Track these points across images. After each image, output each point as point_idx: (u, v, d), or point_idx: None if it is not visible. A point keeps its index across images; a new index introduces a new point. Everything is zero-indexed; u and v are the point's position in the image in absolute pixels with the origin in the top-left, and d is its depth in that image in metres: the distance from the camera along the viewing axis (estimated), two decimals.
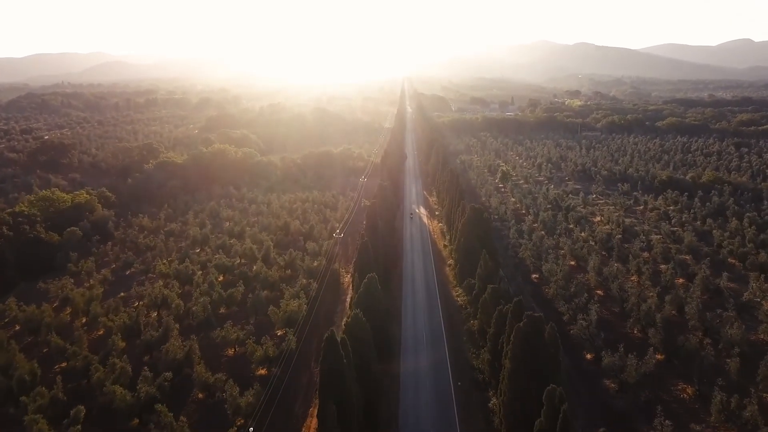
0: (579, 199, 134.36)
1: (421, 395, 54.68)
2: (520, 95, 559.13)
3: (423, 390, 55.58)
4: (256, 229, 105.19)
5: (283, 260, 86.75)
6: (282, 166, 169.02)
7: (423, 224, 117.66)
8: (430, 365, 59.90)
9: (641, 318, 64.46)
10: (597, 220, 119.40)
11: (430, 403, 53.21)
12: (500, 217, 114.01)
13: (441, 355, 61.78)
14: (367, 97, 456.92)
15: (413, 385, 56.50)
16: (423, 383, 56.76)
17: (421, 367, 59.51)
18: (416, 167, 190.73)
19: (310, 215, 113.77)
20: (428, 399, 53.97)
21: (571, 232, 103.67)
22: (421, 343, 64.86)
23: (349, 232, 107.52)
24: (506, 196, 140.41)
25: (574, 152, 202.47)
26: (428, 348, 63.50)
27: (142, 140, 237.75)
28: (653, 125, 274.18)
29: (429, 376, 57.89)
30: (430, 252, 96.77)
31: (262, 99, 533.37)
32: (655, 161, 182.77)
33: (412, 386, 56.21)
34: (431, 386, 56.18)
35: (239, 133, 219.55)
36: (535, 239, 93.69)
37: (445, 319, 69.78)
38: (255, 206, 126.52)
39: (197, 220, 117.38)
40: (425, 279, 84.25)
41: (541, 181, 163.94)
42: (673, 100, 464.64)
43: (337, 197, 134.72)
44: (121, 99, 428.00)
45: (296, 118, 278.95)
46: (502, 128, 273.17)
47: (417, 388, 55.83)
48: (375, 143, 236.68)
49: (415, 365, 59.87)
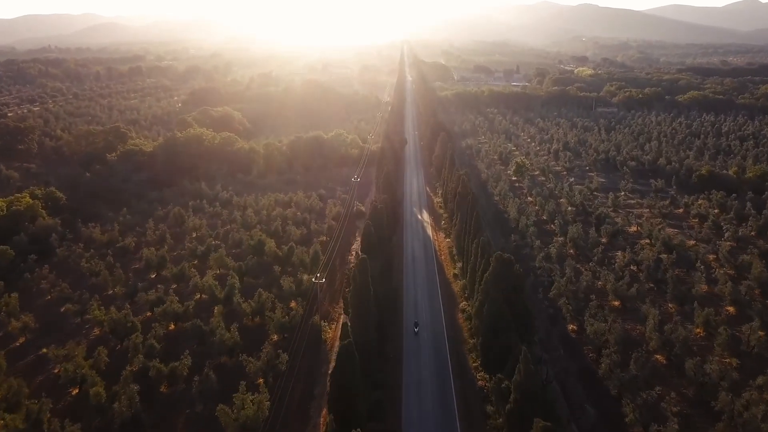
0: (608, 201, 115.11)
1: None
2: (526, 62, 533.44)
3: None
4: (223, 249, 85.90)
5: (250, 307, 67.84)
6: (265, 155, 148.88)
7: (426, 237, 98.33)
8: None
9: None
10: (633, 230, 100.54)
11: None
12: (521, 231, 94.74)
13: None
14: (365, 65, 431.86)
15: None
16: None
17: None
18: (417, 153, 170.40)
19: (291, 228, 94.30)
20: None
21: (609, 258, 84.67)
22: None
23: (339, 252, 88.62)
24: (523, 197, 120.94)
25: (593, 135, 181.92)
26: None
27: (116, 118, 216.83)
28: (673, 99, 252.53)
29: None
30: (437, 295, 76.43)
31: (256, 65, 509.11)
32: (686, 147, 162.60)
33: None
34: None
35: (221, 111, 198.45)
36: (568, 273, 74.49)
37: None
38: (228, 211, 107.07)
39: (158, 232, 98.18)
40: (435, 359, 61.81)
41: (560, 171, 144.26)
42: (688, 68, 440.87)
43: (325, 199, 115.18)
44: (104, 68, 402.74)
45: (287, 92, 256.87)
46: (509, 103, 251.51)
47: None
48: (372, 121, 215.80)
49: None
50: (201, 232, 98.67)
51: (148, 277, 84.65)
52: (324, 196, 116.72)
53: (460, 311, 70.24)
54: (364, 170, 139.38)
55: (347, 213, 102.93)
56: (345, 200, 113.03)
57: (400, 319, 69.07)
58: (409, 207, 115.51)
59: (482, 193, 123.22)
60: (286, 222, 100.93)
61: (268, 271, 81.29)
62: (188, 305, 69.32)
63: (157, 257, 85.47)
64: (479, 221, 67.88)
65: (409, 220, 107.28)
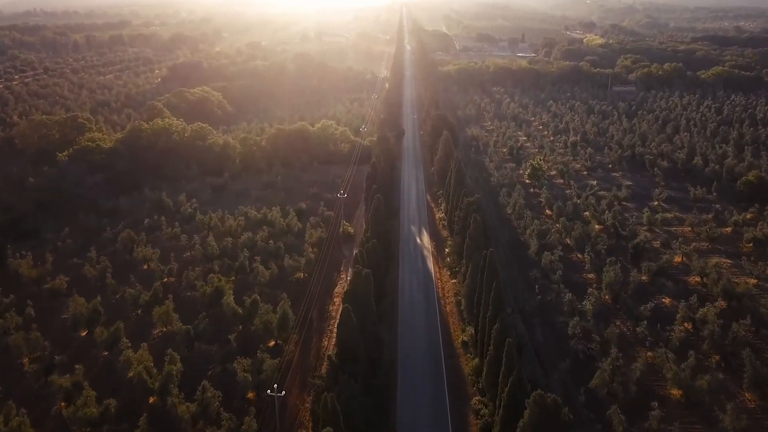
0: (642, 216, 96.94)
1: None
2: (530, 28, 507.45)
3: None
4: (171, 302, 67.82)
5: (188, 411, 50.25)
6: (242, 152, 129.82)
7: (428, 275, 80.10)
8: None
9: None
10: (677, 260, 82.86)
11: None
12: (543, 268, 76.79)
13: None
14: (361, 33, 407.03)
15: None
16: None
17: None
18: (417, 145, 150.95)
19: (259, 268, 76.08)
20: None
21: (656, 310, 66.97)
22: None
23: (319, 296, 71.06)
24: (541, 209, 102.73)
25: (613, 123, 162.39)
26: None
27: (85, 99, 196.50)
28: (696, 76, 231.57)
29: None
30: (443, 383, 57.94)
31: (249, 32, 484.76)
32: (720, 140, 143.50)
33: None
34: None
35: (199, 93, 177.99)
36: (613, 355, 56.50)
37: None
38: (188, 237, 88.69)
39: (98, 266, 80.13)
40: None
41: (580, 170, 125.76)
42: (703, 36, 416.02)
43: (306, 215, 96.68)
44: (83, 36, 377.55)
45: (275, 68, 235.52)
46: (517, 81, 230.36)
47: None
48: (366, 102, 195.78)
49: None
50: (152, 266, 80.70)
51: (78, 335, 67.20)
52: (305, 211, 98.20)
53: (472, 412, 52.55)
54: (355, 168, 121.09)
55: (331, 240, 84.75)
56: (329, 218, 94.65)
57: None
58: (407, 225, 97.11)
59: (492, 204, 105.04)
60: (257, 251, 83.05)
61: (224, 335, 63.64)
62: (108, 405, 51.51)
63: (88, 310, 67.69)
64: (499, 300, 49.75)
65: (407, 247, 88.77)
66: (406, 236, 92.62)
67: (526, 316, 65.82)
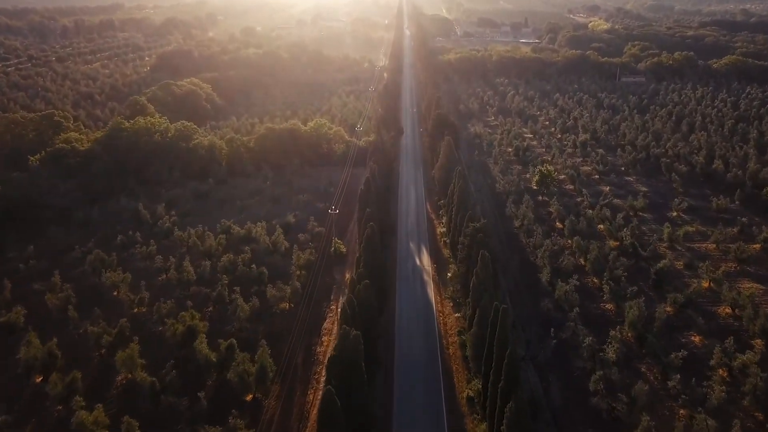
0: (663, 232, 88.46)
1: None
2: (533, 11, 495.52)
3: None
4: (137, 344, 59.52)
5: None
6: (229, 153, 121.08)
7: (428, 307, 71.49)
8: None
9: None
10: (705, 285, 74.73)
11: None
12: (557, 300, 68.58)
13: None
14: (359, 18, 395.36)
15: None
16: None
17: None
18: (416, 144, 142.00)
19: (239, 302, 67.63)
20: None
21: (687, 354, 58.81)
22: None
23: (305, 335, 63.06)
24: (551, 221, 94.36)
25: (624, 119, 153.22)
26: None
27: (67, 91, 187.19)
28: (707, 66, 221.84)
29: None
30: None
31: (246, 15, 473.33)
32: (740, 139, 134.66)
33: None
34: None
35: (186, 86, 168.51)
36: (644, 424, 48.35)
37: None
38: (163, 257, 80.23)
39: (61, 295, 71.87)
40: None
41: (591, 174, 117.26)
42: (711, 21, 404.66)
43: (294, 231, 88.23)
44: (72, 20, 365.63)
45: (268, 57, 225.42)
46: (521, 70, 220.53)
47: None
48: (363, 94, 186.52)
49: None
50: (120, 296, 72.49)
51: (32, 381, 59.21)
52: (293, 226, 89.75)
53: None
54: (350, 172, 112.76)
55: (320, 264, 76.43)
56: (319, 235, 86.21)
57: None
58: (405, 242, 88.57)
59: (499, 216, 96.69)
60: (238, 276, 74.84)
61: (195, 387, 55.57)
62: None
63: (42, 354, 59.58)
64: (514, 369, 41.53)
65: (405, 270, 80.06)
66: (404, 256, 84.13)
67: (539, 364, 57.70)
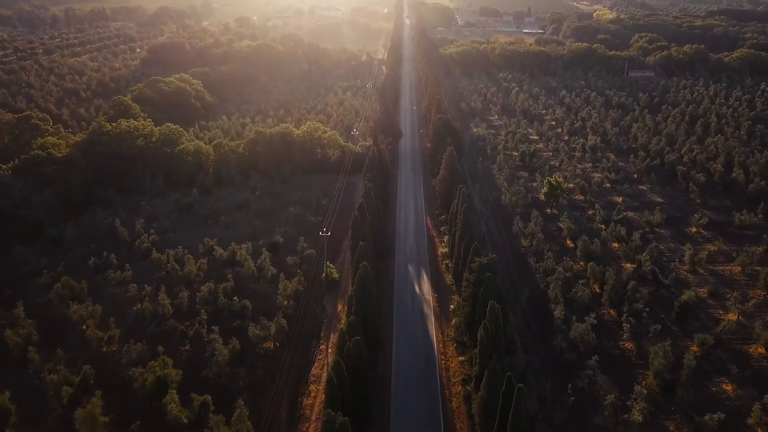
0: (684, 254, 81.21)
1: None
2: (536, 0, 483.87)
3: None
4: (99, 399, 52.53)
5: None
6: (216, 159, 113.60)
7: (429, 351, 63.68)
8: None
9: None
10: (733, 318, 67.70)
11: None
12: (571, 340, 61.50)
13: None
14: (358, 7, 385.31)
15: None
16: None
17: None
18: (415, 149, 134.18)
19: (217, 344, 60.38)
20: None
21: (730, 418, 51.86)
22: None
23: (288, 396, 55.98)
24: (562, 241, 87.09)
25: (635, 120, 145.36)
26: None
27: (51, 87, 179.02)
28: (719, 60, 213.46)
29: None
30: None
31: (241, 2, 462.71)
32: (759, 142, 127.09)
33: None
34: None
35: (175, 83, 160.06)
36: None
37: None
38: (137, 284, 72.97)
39: (23, 331, 64.71)
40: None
41: (602, 183, 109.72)
42: (719, 10, 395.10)
43: (283, 251, 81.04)
44: (62, 9, 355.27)
45: (262, 50, 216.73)
46: (525, 65, 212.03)
47: None
48: (360, 91, 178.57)
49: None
50: (88, 333, 65.40)
51: None
52: (281, 246, 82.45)
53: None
54: (345, 181, 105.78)
55: (310, 292, 69.34)
56: (310, 258, 78.95)
57: None
58: (403, 265, 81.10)
59: (506, 234, 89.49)
60: (219, 309, 67.74)
61: None
62: None
63: None
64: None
65: (402, 302, 72.47)
66: (403, 283, 76.74)
67: (555, 425, 50.71)
